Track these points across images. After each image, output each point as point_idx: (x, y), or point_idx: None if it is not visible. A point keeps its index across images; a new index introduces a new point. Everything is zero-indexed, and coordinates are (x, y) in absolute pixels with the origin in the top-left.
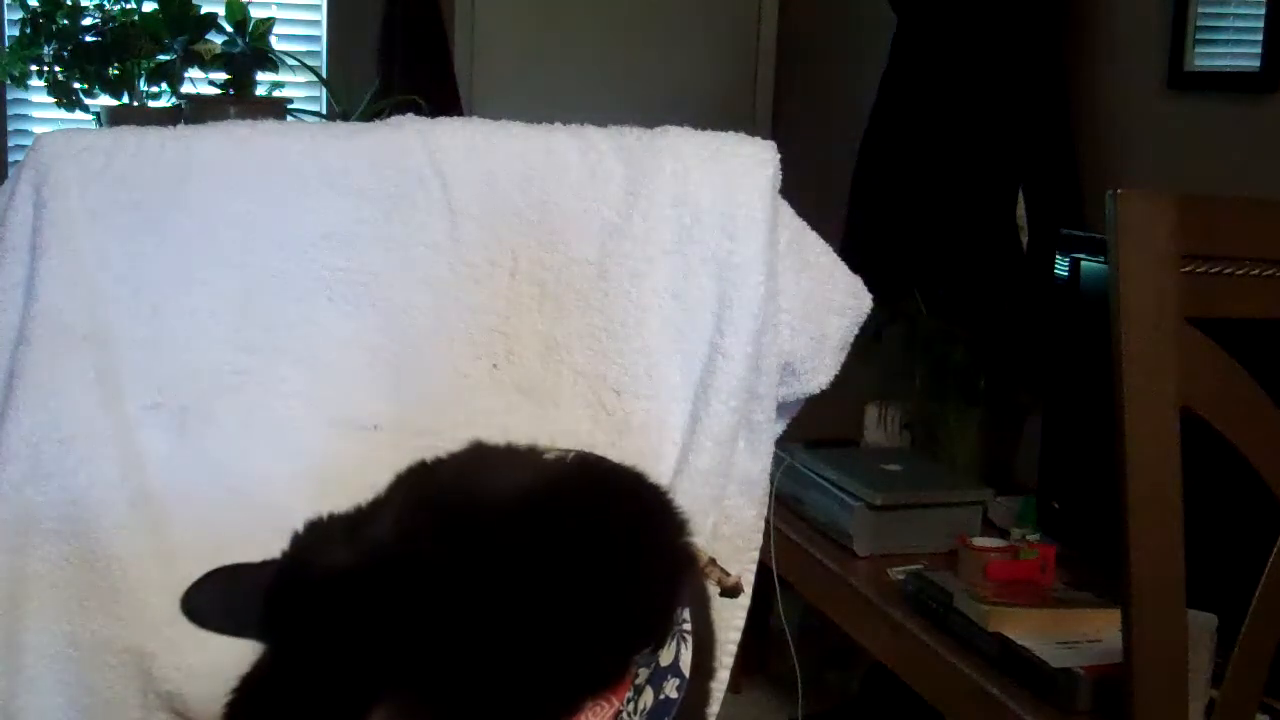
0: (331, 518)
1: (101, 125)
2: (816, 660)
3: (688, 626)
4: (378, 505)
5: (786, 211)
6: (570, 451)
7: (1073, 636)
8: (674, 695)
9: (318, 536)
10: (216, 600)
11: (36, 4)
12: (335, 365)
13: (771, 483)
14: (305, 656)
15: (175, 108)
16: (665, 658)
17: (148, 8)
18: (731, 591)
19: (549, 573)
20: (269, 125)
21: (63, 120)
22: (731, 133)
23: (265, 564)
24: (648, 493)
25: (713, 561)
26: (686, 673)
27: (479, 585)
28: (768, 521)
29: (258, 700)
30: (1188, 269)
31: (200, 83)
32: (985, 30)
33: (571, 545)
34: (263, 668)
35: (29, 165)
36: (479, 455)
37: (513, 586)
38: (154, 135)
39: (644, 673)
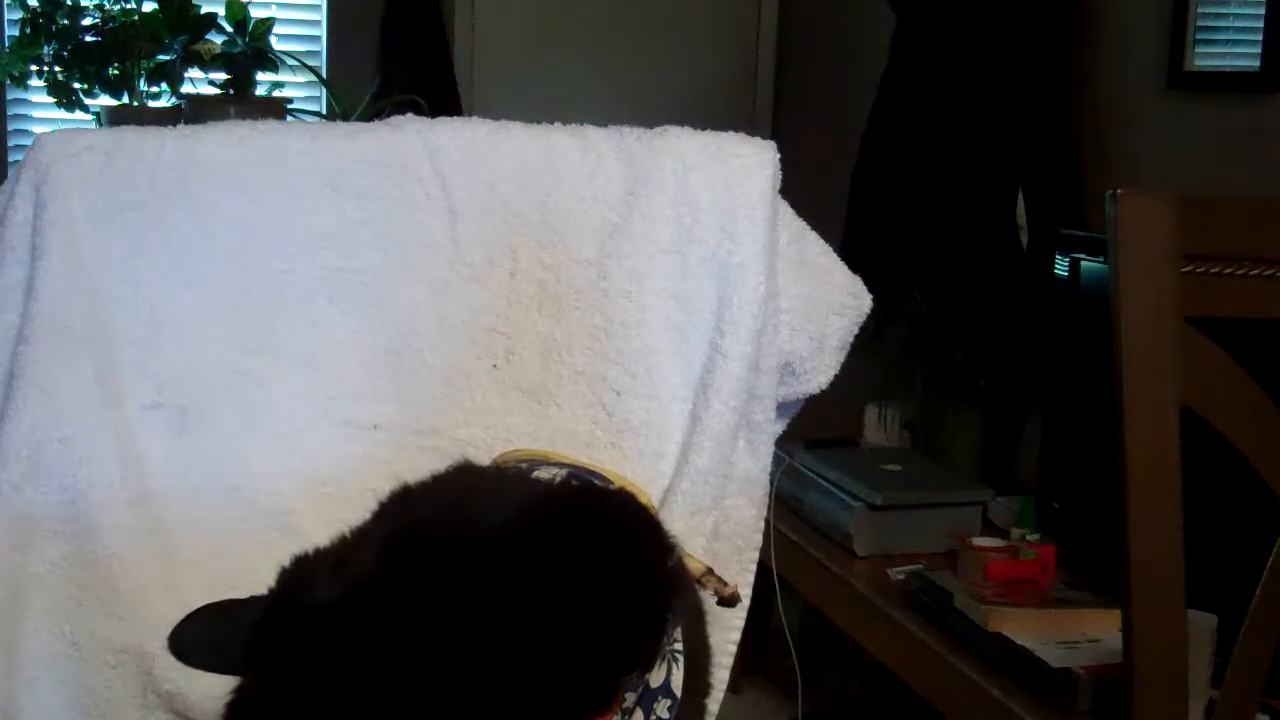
0: (318, 552)
1: (101, 125)
2: (816, 660)
3: (679, 646)
4: (363, 536)
5: (786, 211)
6: (562, 469)
7: (1073, 636)
8: (665, 716)
9: (304, 572)
10: (204, 638)
11: (36, 4)
12: (335, 365)
13: (771, 483)
14: (295, 689)
15: (175, 108)
16: (655, 679)
17: (148, 8)
18: (729, 601)
19: (533, 603)
20: (269, 125)
21: (63, 120)
22: (731, 133)
23: (252, 600)
24: (635, 517)
25: (710, 571)
26: (678, 693)
27: (463, 617)
28: (768, 521)
29: (258, 701)
30: (1188, 269)
31: (200, 83)
32: (985, 30)
33: (556, 575)
34: None
35: (29, 165)
36: (464, 480)
37: (496, 618)
38: (154, 135)
39: (631, 696)
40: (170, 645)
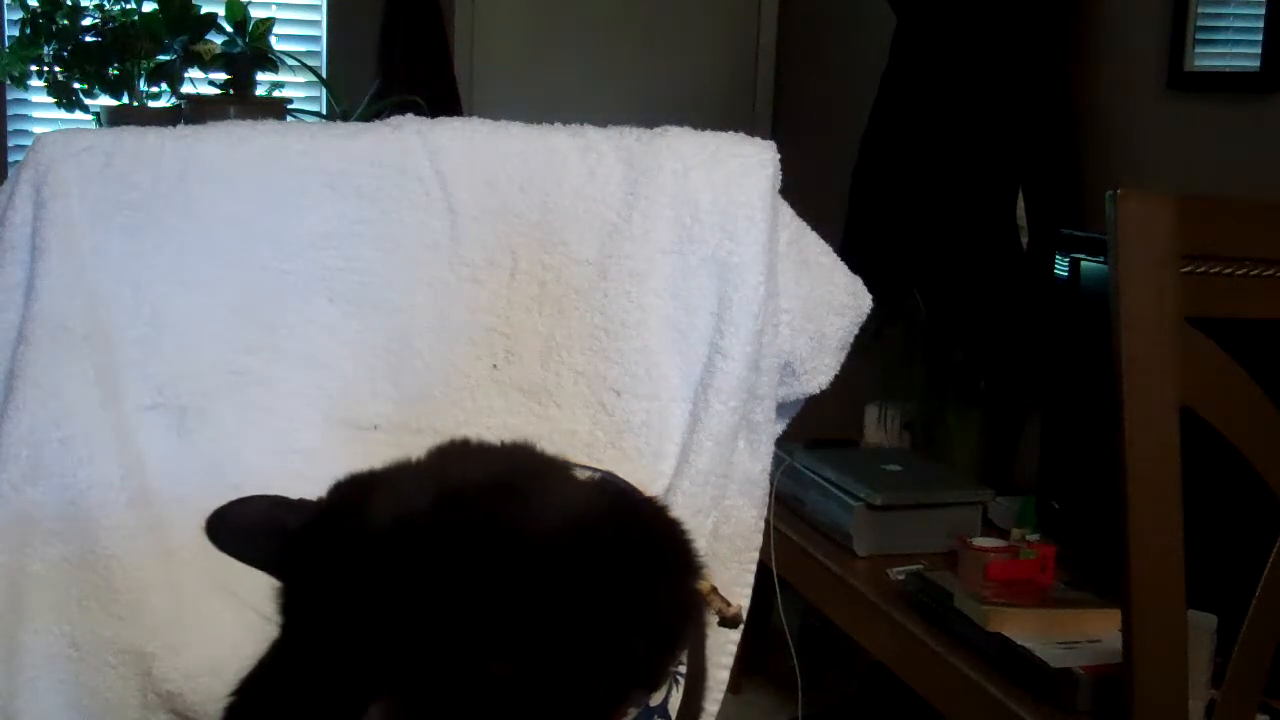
0: (373, 477)
1: (101, 125)
2: (816, 660)
3: (682, 669)
4: (419, 474)
5: (786, 211)
6: (596, 472)
7: (1073, 636)
8: None
9: (358, 493)
10: (244, 527)
11: (36, 4)
12: (335, 365)
13: (771, 483)
14: (313, 623)
15: (175, 108)
16: (655, 698)
17: (148, 8)
18: (731, 621)
19: (569, 603)
20: (269, 125)
21: (63, 120)
22: (731, 133)
23: (301, 504)
24: (668, 532)
25: (714, 590)
26: (673, 715)
27: (501, 600)
28: (768, 521)
29: (258, 701)
30: (1188, 269)
31: (200, 83)
32: (985, 30)
33: (596, 581)
34: (263, 668)
35: (29, 165)
36: (522, 460)
37: (533, 611)
38: (154, 135)
39: (633, 711)
40: (207, 527)
